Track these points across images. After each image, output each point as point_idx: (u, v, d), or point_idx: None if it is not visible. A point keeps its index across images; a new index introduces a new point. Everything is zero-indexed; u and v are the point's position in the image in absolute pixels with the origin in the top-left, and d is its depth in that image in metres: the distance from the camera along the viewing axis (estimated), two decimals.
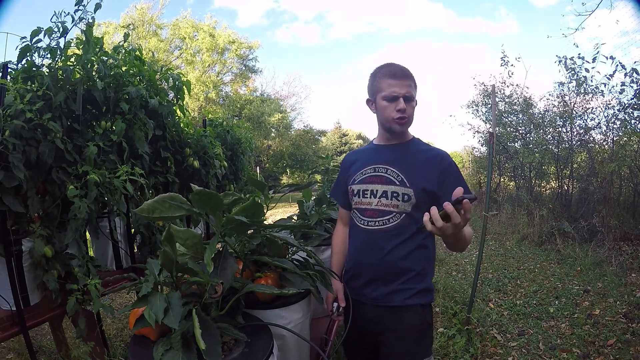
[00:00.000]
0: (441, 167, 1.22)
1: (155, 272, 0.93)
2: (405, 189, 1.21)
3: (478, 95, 8.49)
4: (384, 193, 1.24)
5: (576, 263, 4.49)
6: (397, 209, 1.22)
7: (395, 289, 1.24)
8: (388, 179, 1.25)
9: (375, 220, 1.25)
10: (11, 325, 1.50)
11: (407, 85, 1.21)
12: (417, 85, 1.26)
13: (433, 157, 1.25)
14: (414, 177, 1.22)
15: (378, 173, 1.27)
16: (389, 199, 1.23)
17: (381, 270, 1.25)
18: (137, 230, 2.08)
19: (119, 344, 2.49)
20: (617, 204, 5.21)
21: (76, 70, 1.68)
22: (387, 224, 1.23)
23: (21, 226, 1.55)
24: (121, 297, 3.57)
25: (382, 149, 1.32)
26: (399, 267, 1.23)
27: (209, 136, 2.59)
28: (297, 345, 1.13)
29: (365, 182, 1.29)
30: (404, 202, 1.21)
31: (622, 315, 3.00)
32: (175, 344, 0.77)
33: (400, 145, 1.30)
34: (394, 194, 1.22)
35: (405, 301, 1.23)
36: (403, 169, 1.24)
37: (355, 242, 1.33)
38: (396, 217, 1.23)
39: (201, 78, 18.41)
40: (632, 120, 5.15)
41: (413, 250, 1.23)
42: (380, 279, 1.25)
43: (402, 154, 1.27)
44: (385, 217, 1.24)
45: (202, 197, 0.92)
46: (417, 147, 1.30)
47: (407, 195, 1.21)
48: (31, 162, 1.46)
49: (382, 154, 1.31)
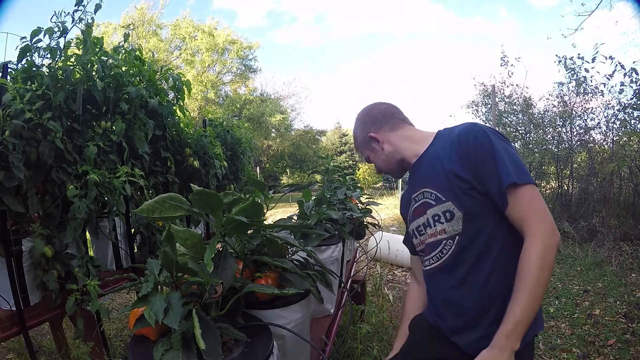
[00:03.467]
0: (460, 145, 0.92)
1: (155, 272, 0.93)
2: (443, 205, 0.94)
3: (478, 95, 8.49)
4: (426, 222, 1.00)
5: (576, 263, 4.49)
6: (446, 233, 0.95)
7: (483, 335, 0.90)
8: (427, 204, 1.00)
9: (430, 257, 1.01)
10: (11, 325, 1.49)
11: (361, 154, 1.21)
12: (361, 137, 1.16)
13: (451, 142, 0.96)
14: (444, 183, 0.95)
15: (418, 202, 1.04)
16: (433, 226, 0.98)
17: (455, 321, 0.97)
18: (137, 230, 2.08)
19: (119, 344, 2.49)
20: (617, 204, 5.21)
21: (76, 70, 1.68)
22: (442, 257, 0.97)
23: (21, 226, 1.55)
24: (121, 297, 3.57)
25: (412, 170, 1.10)
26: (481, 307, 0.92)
27: (209, 136, 2.59)
28: (297, 345, 1.13)
29: (414, 218, 1.07)
30: (449, 223, 0.94)
31: (622, 315, 3.00)
32: (175, 344, 0.77)
33: (424, 155, 1.05)
34: (435, 217, 0.97)
35: None
36: (432, 182, 0.98)
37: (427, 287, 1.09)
38: (449, 244, 0.95)
39: (199, 78, 18.40)
40: (631, 120, 5.16)
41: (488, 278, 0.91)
42: (458, 329, 0.96)
43: (426, 165, 1.03)
44: (438, 249, 0.98)
45: (202, 197, 0.92)
46: (439, 143, 1.02)
47: (449, 211, 0.93)
48: (31, 162, 1.46)
49: (414, 177, 1.08)
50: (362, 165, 23.76)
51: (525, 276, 0.82)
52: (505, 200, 0.86)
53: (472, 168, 0.89)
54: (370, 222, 2.16)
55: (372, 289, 3.39)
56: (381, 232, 3.29)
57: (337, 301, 1.84)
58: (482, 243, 0.91)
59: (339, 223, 1.89)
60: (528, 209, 0.85)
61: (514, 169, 0.86)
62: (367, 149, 1.16)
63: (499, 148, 0.88)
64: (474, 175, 0.89)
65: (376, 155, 1.14)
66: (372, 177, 21.48)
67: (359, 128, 1.18)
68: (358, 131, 1.18)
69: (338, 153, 28.50)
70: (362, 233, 2.04)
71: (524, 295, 0.81)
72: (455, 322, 0.97)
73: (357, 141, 1.20)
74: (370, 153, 1.16)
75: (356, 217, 1.99)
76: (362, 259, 4.10)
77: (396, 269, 4.55)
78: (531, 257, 0.82)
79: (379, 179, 23.12)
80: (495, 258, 0.90)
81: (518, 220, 0.86)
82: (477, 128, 0.92)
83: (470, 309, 0.94)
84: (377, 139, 1.12)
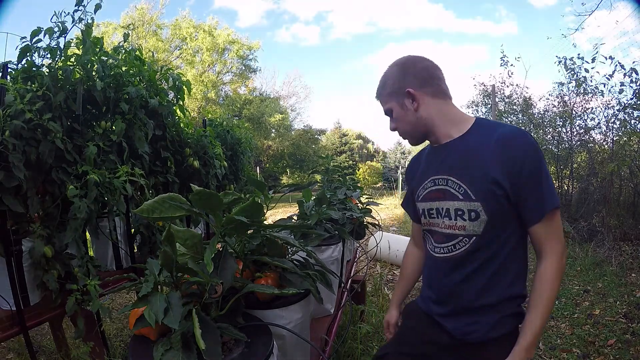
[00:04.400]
0: (508, 156, 0.89)
1: (155, 272, 0.93)
2: (470, 204, 0.93)
3: (478, 95, 8.50)
4: (446, 212, 0.98)
5: (576, 263, 4.49)
6: (465, 230, 0.95)
7: (471, 322, 0.98)
8: (450, 193, 0.97)
9: (442, 246, 1.01)
10: (11, 325, 1.49)
11: (381, 103, 1.06)
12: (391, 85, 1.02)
13: (498, 144, 0.91)
14: (479, 183, 0.92)
15: (438, 186, 1.00)
16: (453, 219, 0.96)
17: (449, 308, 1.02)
18: (137, 230, 2.08)
19: (119, 344, 2.49)
20: (617, 204, 5.21)
21: (76, 70, 1.68)
22: (454, 250, 0.98)
23: (21, 226, 1.55)
24: (121, 297, 3.57)
25: (437, 151, 1.03)
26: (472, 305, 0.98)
27: (209, 136, 2.59)
28: (297, 345, 1.13)
29: (428, 199, 1.04)
30: (471, 222, 0.93)
31: (622, 315, 3.00)
32: (175, 344, 0.77)
33: (458, 142, 0.98)
34: (458, 212, 0.95)
35: (488, 334, 0.96)
36: (464, 177, 0.95)
37: (424, 268, 1.13)
38: (464, 242, 0.96)
39: (199, 78, 18.41)
40: (631, 120, 5.16)
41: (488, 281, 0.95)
42: (450, 315, 1.02)
43: (461, 154, 0.97)
44: (451, 242, 0.98)
45: (202, 197, 0.92)
46: (478, 136, 0.96)
47: (475, 212, 0.92)
48: (31, 162, 1.46)
49: (438, 158, 1.02)
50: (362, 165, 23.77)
51: (543, 293, 0.90)
52: (538, 219, 0.91)
53: (515, 181, 0.89)
54: (370, 222, 2.16)
55: (372, 289, 3.39)
56: (381, 232, 3.28)
57: (337, 301, 1.85)
58: (494, 248, 0.94)
59: (339, 223, 1.89)
60: (553, 230, 0.92)
61: (553, 193, 0.91)
62: (396, 101, 1.01)
63: (546, 170, 0.91)
64: (513, 187, 0.89)
65: (404, 113, 1.01)
66: (372, 177, 21.50)
67: (396, 75, 1.02)
68: (393, 78, 1.02)
69: (338, 153, 28.50)
70: (362, 233, 2.04)
71: (542, 310, 0.89)
72: (449, 308, 1.02)
73: (386, 88, 1.03)
74: (397, 107, 1.02)
75: (356, 217, 1.99)
76: (362, 259, 4.11)
77: (396, 269, 4.55)
78: (551, 276, 0.90)
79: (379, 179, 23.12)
80: (501, 262, 0.95)
81: (541, 237, 0.92)
82: (527, 141, 0.90)
83: (467, 301, 0.98)
84: (414, 97, 0.99)
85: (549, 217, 0.90)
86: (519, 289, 0.98)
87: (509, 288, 0.96)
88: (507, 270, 0.95)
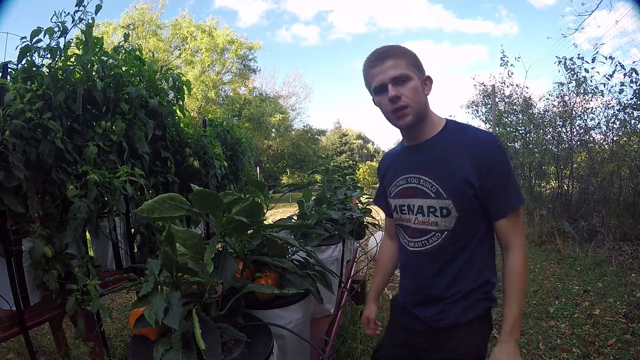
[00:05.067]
0: (478, 158, 0.97)
1: (155, 272, 0.93)
2: (442, 202, 1.00)
3: (478, 95, 8.50)
4: (419, 209, 1.05)
5: (576, 263, 4.49)
6: (437, 226, 1.02)
7: (440, 310, 1.07)
8: (422, 191, 1.04)
9: (415, 241, 1.08)
10: (11, 325, 1.49)
11: (392, 66, 0.97)
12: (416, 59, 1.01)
13: (468, 145, 0.99)
14: (450, 183, 0.99)
15: (410, 184, 1.07)
16: (426, 215, 1.03)
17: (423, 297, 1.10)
18: (137, 230, 2.08)
19: (119, 344, 2.49)
20: (617, 204, 5.21)
21: (76, 70, 1.68)
22: (427, 245, 1.05)
23: (21, 226, 1.55)
24: (121, 297, 3.57)
25: (410, 151, 1.09)
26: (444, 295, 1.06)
27: (209, 136, 2.59)
28: (297, 345, 1.13)
29: (400, 196, 1.10)
30: (443, 218, 1.01)
31: (622, 315, 3.00)
32: (175, 344, 0.77)
33: (429, 143, 1.05)
34: (430, 209, 1.02)
35: (458, 319, 1.04)
36: (436, 176, 1.01)
37: (400, 261, 1.21)
38: (436, 237, 1.03)
39: (200, 78, 18.41)
40: (631, 120, 5.16)
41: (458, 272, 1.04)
42: (423, 303, 1.11)
43: (432, 155, 1.03)
44: (424, 237, 1.05)
45: (202, 197, 0.92)
46: (450, 138, 1.03)
47: (447, 209, 0.99)
48: (31, 162, 1.46)
49: (411, 158, 1.08)
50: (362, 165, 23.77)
51: (516, 282, 1.00)
52: (503, 215, 1.00)
53: (485, 180, 0.97)
54: (370, 222, 2.16)
55: None
56: (381, 232, 3.28)
57: (337, 301, 1.85)
58: (464, 242, 1.03)
59: (339, 223, 1.89)
60: (518, 225, 1.03)
61: (518, 192, 1.01)
62: (418, 76, 1.00)
63: (511, 170, 1.01)
64: (483, 187, 0.97)
65: (420, 90, 1.00)
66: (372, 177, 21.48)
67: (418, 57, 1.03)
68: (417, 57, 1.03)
69: (338, 153, 28.52)
70: (362, 233, 2.04)
71: (518, 296, 1.00)
72: (422, 298, 1.11)
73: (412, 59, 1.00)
74: (418, 81, 0.99)
75: (356, 217, 1.99)
76: (362, 259, 4.10)
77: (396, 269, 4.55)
78: (520, 266, 1.00)
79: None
80: (471, 254, 1.04)
81: (507, 231, 1.01)
82: (496, 145, 0.99)
83: (439, 291, 1.06)
84: (430, 83, 1.04)
85: (514, 213, 1.00)
86: (487, 277, 1.06)
87: (478, 278, 1.04)
88: (476, 261, 1.04)
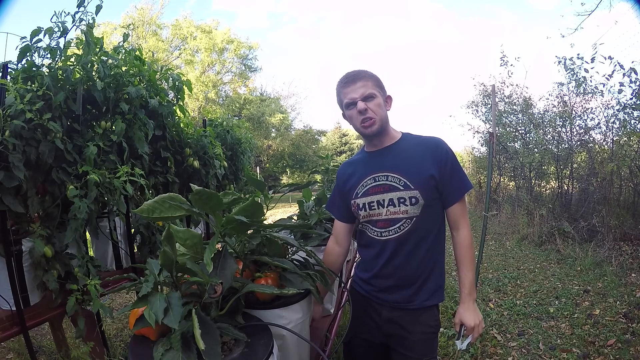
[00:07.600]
0: (437, 156, 1.21)
1: (155, 272, 0.93)
2: (410, 192, 1.19)
3: (478, 95, 8.52)
4: (390, 201, 1.22)
5: (576, 263, 4.49)
6: (407, 214, 1.21)
7: (414, 292, 1.26)
8: (391, 186, 1.22)
9: (388, 229, 1.24)
10: (11, 325, 1.50)
11: (362, 86, 1.20)
12: (380, 81, 1.25)
13: (427, 147, 1.23)
14: (416, 176, 1.20)
15: (379, 182, 1.24)
16: (397, 206, 1.21)
17: (400, 278, 1.26)
18: (137, 230, 2.08)
19: (119, 344, 2.49)
20: (617, 204, 5.21)
21: (76, 71, 1.68)
22: (400, 231, 1.22)
23: (21, 226, 1.55)
24: (121, 297, 3.57)
25: (375, 155, 1.29)
26: (417, 273, 1.24)
27: (209, 136, 2.59)
28: (297, 345, 1.13)
29: (369, 194, 1.26)
30: (412, 206, 1.20)
31: (622, 315, 3.01)
32: (175, 344, 0.77)
33: (393, 147, 1.27)
34: (401, 200, 1.21)
35: (424, 303, 1.25)
36: (403, 172, 1.21)
37: (371, 253, 1.31)
38: (407, 223, 1.21)
39: (200, 78, 18.41)
40: (631, 120, 5.16)
41: (426, 252, 1.24)
42: (399, 286, 1.27)
43: (397, 155, 1.25)
44: (395, 225, 1.22)
45: (202, 197, 0.92)
46: (409, 143, 1.27)
47: (415, 197, 1.19)
48: (31, 162, 1.46)
49: (377, 161, 1.27)
50: None
51: (469, 252, 1.26)
52: (454, 200, 1.24)
53: (442, 173, 1.21)
54: None
55: None
56: None
57: (337, 301, 1.85)
58: (428, 226, 1.23)
59: None
60: (464, 208, 1.28)
61: (467, 179, 1.26)
62: (381, 94, 1.23)
63: (459, 163, 1.27)
64: (442, 178, 1.21)
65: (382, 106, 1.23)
66: None
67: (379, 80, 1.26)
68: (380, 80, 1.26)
69: (338, 153, 28.50)
70: None
71: (470, 265, 1.26)
72: (392, 282, 1.27)
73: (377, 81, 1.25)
74: (380, 99, 1.23)
75: None
76: None
77: None
78: (469, 241, 1.26)
79: None
80: (432, 239, 1.25)
81: (457, 214, 1.26)
82: (447, 145, 1.25)
83: (409, 273, 1.25)
84: (391, 101, 1.28)
85: (463, 200, 1.26)
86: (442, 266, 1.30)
87: (440, 258, 1.28)
88: (436, 246, 1.26)
